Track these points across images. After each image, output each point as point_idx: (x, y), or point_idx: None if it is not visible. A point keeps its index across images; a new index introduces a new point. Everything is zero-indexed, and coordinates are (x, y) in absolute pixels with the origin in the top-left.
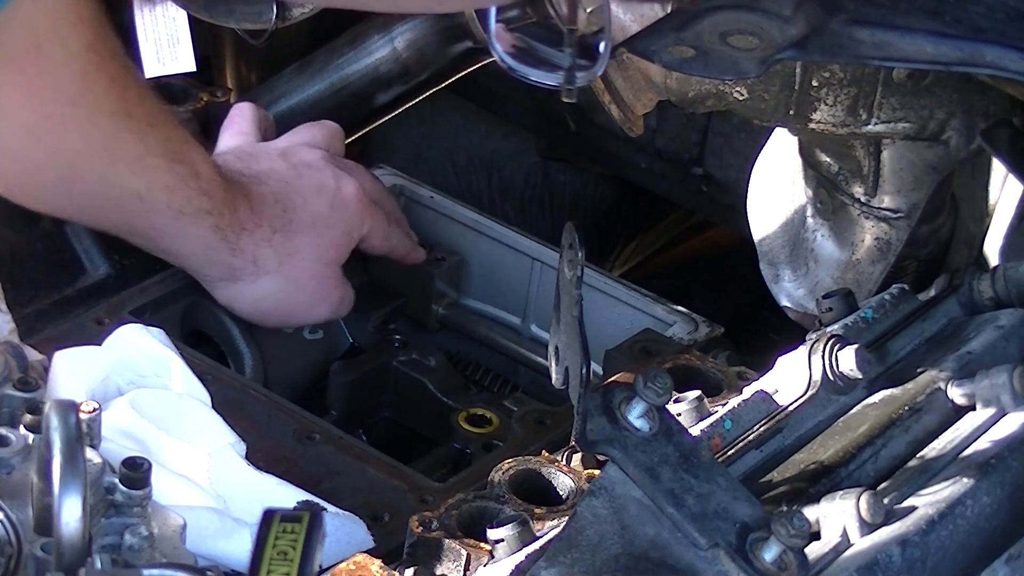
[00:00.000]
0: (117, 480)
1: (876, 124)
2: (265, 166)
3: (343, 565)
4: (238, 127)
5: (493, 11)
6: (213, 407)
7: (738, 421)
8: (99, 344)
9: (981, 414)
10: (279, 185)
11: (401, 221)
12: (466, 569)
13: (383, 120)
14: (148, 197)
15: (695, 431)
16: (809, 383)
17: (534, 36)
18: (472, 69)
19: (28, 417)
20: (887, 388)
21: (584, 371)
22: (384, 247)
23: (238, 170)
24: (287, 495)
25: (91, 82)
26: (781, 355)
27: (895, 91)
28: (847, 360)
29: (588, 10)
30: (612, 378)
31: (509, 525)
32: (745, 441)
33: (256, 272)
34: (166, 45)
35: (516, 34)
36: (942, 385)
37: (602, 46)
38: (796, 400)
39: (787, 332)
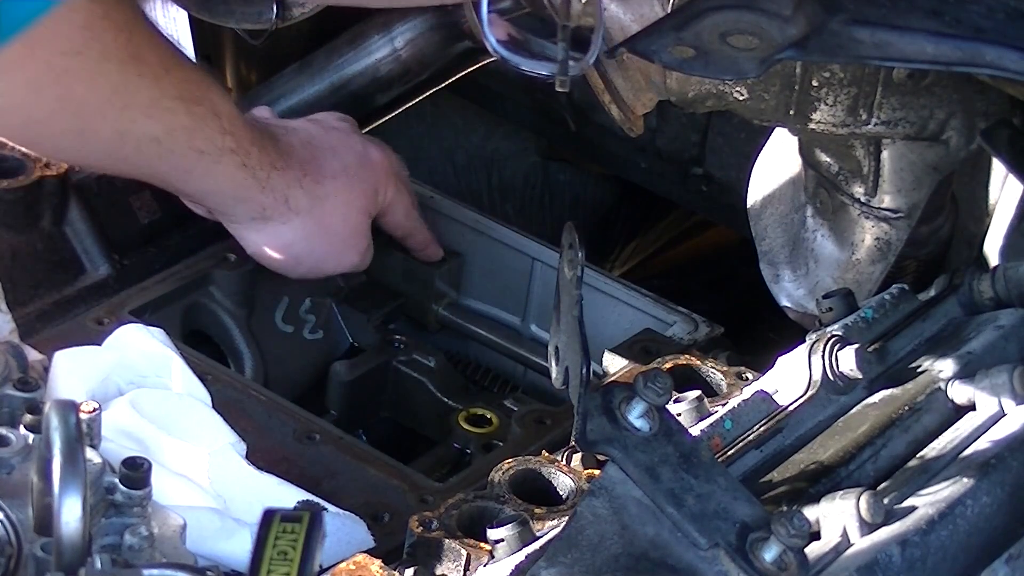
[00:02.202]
0: (117, 480)
1: (876, 124)
2: (292, 124)
3: (343, 565)
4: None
5: (485, 1)
6: (213, 407)
7: (738, 421)
8: (99, 344)
9: (981, 414)
10: (307, 136)
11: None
12: (466, 569)
13: (383, 120)
14: (166, 140)
15: (695, 431)
16: (809, 383)
17: (527, 27)
18: (472, 69)
19: (28, 417)
20: (887, 388)
21: (584, 371)
22: (407, 225)
23: (264, 120)
24: (287, 495)
25: (96, 31)
26: (781, 355)
27: (895, 91)
28: (847, 360)
29: (582, 1)
30: (612, 378)
31: (509, 525)
32: (745, 441)
33: (287, 212)
34: None
35: (510, 25)
36: (942, 385)
37: (595, 37)
38: (796, 400)
39: (787, 332)
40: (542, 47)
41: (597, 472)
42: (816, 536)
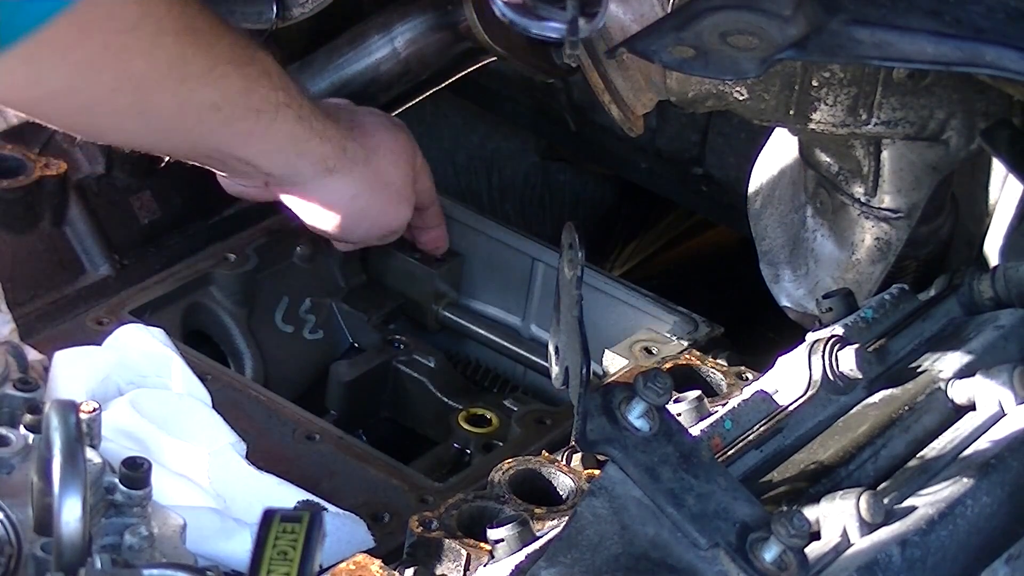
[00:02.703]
0: (117, 480)
1: (876, 124)
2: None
3: (343, 565)
4: None
5: None
6: (213, 407)
7: (738, 421)
8: (99, 344)
9: (981, 414)
10: (341, 105)
11: None
12: (466, 569)
13: None
14: (225, 106)
15: (695, 431)
16: (809, 383)
17: None
18: (472, 69)
19: (28, 417)
20: (887, 388)
21: (584, 371)
22: (431, 195)
23: None
24: (287, 495)
25: (149, 6)
26: (781, 355)
27: (895, 91)
28: (847, 360)
29: None
30: (612, 378)
31: (509, 525)
32: (745, 441)
33: (348, 163)
34: None
35: None
36: (942, 385)
37: (600, 6)
38: (796, 400)
39: (787, 332)
40: (549, 12)
41: (597, 472)
42: (816, 536)
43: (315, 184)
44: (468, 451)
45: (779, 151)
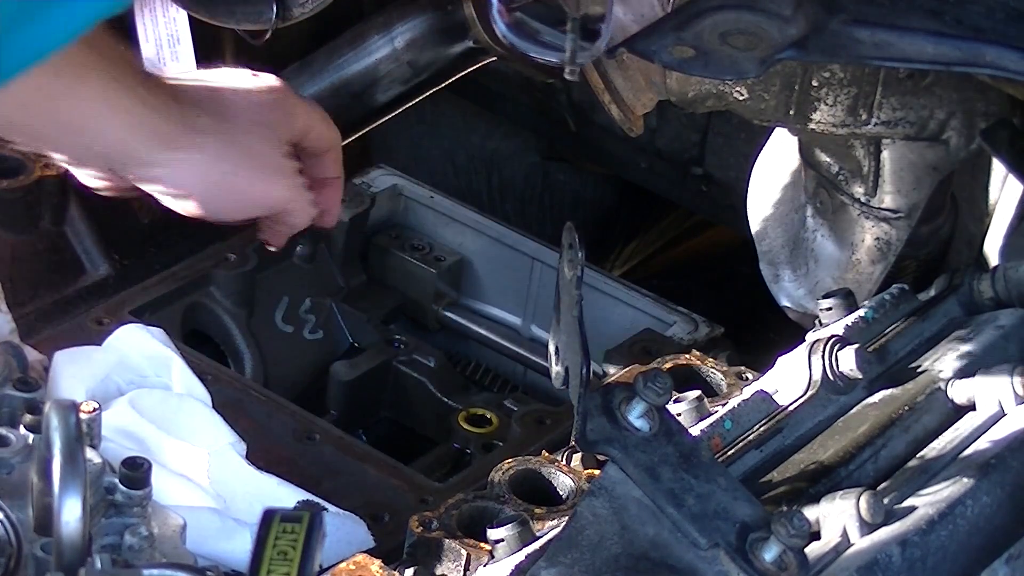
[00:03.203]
0: (117, 480)
1: (876, 124)
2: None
3: (343, 565)
4: None
5: None
6: (213, 407)
7: (738, 421)
8: (99, 344)
9: (981, 414)
10: (195, 76)
11: None
12: (466, 569)
13: (383, 120)
14: None
15: (695, 431)
16: (809, 383)
17: (535, 16)
18: (472, 69)
19: (28, 417)
20: (887, 388)
21: (584, 371)
22: (328, 141)
23: None
24: (287, 495)
25: None
26: (781, 355)
27: (895, 91)
28: (847, 360)
29: None
30: (612, 378)
31: (509, 525)
32: (745, 441)
33: (195, 136)
34: (166, 45)
35: (517, 13)
36: (942, 385)
37: (602, 27)
38: (796, 400)
39: (787, 332)
40: (550, 35)
41: (597, 472)
42: (816, 536)
43: (159, 163)
44: (468, 451)
45: (779, 151)
